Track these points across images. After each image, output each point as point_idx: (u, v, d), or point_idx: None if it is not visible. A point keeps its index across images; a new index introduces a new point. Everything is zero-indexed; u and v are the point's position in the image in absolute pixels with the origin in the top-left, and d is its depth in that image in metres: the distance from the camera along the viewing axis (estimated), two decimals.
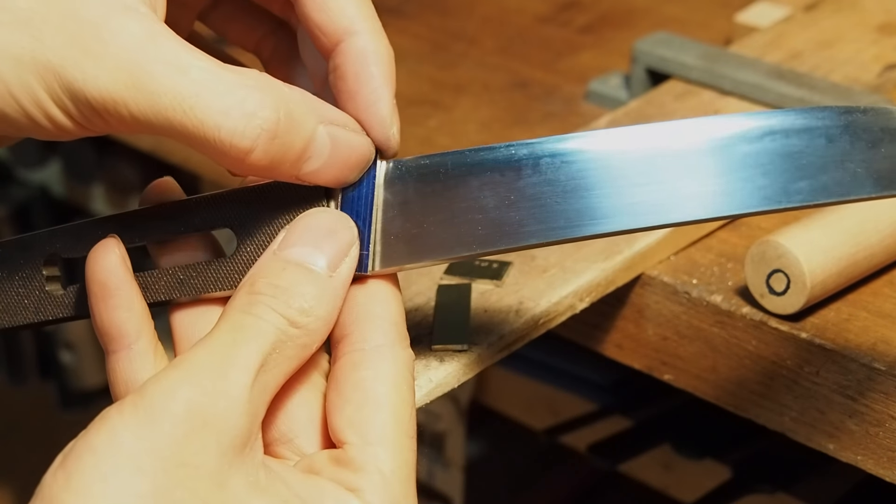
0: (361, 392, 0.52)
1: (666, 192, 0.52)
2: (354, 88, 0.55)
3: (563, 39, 0.94)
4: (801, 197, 0.52)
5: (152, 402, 0.48)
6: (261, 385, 0.50)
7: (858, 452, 0.65)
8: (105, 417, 0.48)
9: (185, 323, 0.56)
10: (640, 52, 0.82)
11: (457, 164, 0.54)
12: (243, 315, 0.51)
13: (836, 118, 0.53)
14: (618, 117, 0.78)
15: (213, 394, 0.49)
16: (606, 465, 0.94)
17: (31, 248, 0.56)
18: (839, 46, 0.82)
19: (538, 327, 0.64)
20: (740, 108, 0.77)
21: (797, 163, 0.52)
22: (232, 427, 0.49)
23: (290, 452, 0.53)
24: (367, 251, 0.54)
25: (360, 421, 0.52)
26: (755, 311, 0.67)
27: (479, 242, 0.53)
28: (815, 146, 0.52)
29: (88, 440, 0.48)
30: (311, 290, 0.52)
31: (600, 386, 0.96)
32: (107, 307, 0.54)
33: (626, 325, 0.71)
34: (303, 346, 0.52)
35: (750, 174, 0.52)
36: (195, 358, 0.50)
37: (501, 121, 0.85)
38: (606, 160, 0.53)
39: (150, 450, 0.47)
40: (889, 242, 0.67)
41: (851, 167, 0.52)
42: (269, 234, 0.54)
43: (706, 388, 0.70)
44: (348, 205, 0.54)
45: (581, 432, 0.95)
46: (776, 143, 0.52)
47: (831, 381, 0.65)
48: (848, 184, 0.52)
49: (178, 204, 0.55)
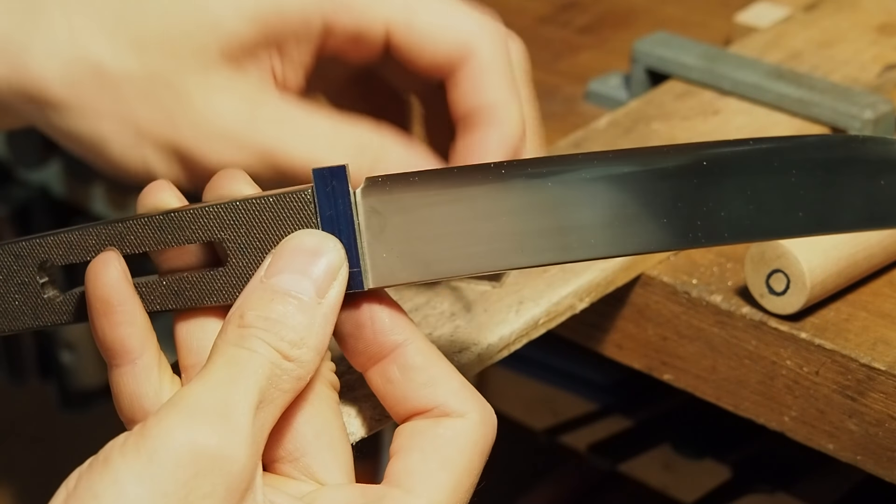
0: (433, 447, 0.52)
1: (647, 218, 0.52)
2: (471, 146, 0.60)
3: (563, 39, 0.94)
4: (799, 228, 0.52)
5: (155, 445, 0.48)
6: (260, 422, 0.50)
7: (858, 452, 0.65)
8: (108, 461, 0.48)
9: (187, 333, 0.55)
10: (639, 52, 0.82)
11: (444, 181, 0.53)
12: (237, 349, 0.50)
13: (833, 148, 0.52)
14: (618, 117, 0.78)
15: (217, 435, 0.48)
16: (606, 465, 0.94)
17: (22, 256, 0.55)
18: (839, 46, 0.82)
19: (538, 327, 0.64)
20: (740, 108, 0.77)
21: (794, 193, 0.51)
22: (238, 469, 0.48)
23: (297, 472, 0.53)
24: (358, 268, 0.53)
25: (418, 472, 0.51)
26: (755, 311, 0.67)
27: (472, 262, 0.53)
28: (813, 177, 0.52)
29: (92, 485, 0.47)
30: (300, 321, 0.51)
31: (600, 386, 0.96)
32: (109, 323, 0.53)
33: (626, 325, 0.71)
34: (297, 379, 0.51)
35: (741, 203, 0.51)
36: (195, 396, 0.49)
37: None
38: (608, 184, 0.52)
39: (155, 494, 0.47)
40: (889, 242, 0.67)
41: (849, 199, 0.51)
42: (258, 250, 0.54)
43: (706, 388, 0.70)
44: (328, 224, 0.53)
45: (581, 432, 0.95)
46: (773, 172, 0.52)
47: (831, 381, 0.65)
48: (844, 216, 0.51)
49: (169, 214, 0.54)
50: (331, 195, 0.53)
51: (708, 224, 0.52)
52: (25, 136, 1.17)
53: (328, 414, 0.53)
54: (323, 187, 0.53)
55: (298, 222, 0.53)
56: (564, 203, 0.52)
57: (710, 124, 0.76)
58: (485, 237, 0.53)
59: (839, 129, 0.75)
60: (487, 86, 0.60)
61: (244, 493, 0.49)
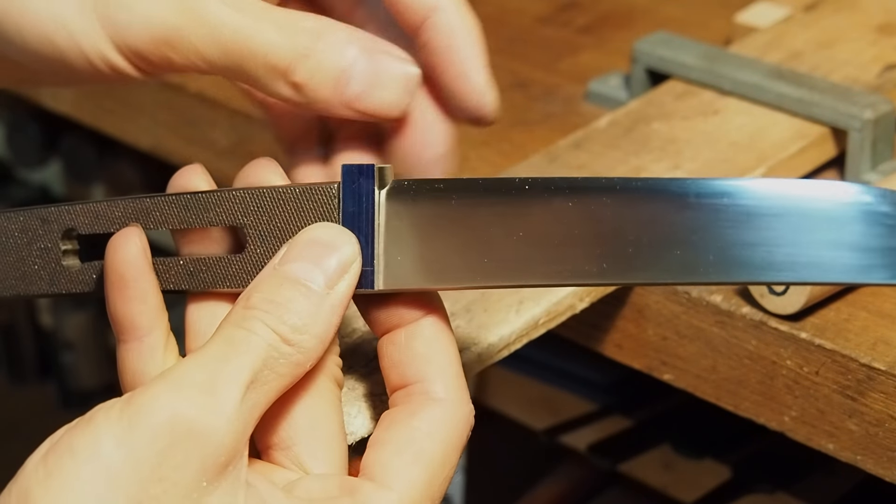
0: (408, 440, 0.52)
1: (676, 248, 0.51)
2: (446, 60, 0.56)
3: (563, 40, 0.94)
4: (807, 275, 0.51)
5: (138, 410, 0.48)
6: (250, 402, 0.50)
7: (858, 452, 0.65)
8: (92, 419, 0.48)
9: (197, 316, 0.55)
10: (640, 52, 0.82)
11: (468, 191, 0.53)
12: (236, 329, 0.51)
13: (854, 200, 0.51)
14: (618, 117, 0.78)
15: (199, 407, 0.48)
16: (606, 465, 0.94)
17: (49, 221, 0.56)
18: (839, 46, 0.82)
19: (538, 327, 0.64)
20: (740, 108, 0.77)
21: (807, 237, 0.51)
22: (216, 444, 0.48)
23: (288, 461, 0.53)
24: (370, 267, 0.53)
25: (392, 465, 0.52)
26: (755, 311, 0.67)
27: (486, 276, 0.53)
28: (830, 225, 0.51)
29: (72, 440, 0.48)
30: (306, 308, 0.51)
31: (600, 386, 0.96)
32: (122, 298, 0.53)
33: (626, 325, 0.71)
34: (295, 364, 0.51)
35: (755, 243, 0.51)
36: (185, 370, 0.50)
37: (501, 121, 0.85)
38: (630, 209, 0.52)
39: (130, 459, 0.47)
40: None
41: (868, 252, 0.51)
42: (277, 239, 0.54)
43: (706, 388, 0.70)
44: (349, 220, 0.53)
45: (581, 432, 0.95)
46: (792, 216, 0.51)
47: (831, 381, 0.65)
48: (861, 268, 0.51)
49: (196, 196, 0.55)
50: (356, 192, 0.53)
51: (720, 260, 0.51)
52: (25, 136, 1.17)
53: (326, 407, 0.54)
54: (350, 183, 0.54)
55: (320, 215, 0.54)
56: (581, 225, 0.52)
57: (710, 124, 0.76)
58: (502, 252, 0.53)
59: (839, 128, 0.75)
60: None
61: (222, 469, 0.49)
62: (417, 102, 0.58)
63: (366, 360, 0.59)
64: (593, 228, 0.52)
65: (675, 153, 0.74)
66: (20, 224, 0.56)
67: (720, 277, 0.51)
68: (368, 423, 0.57)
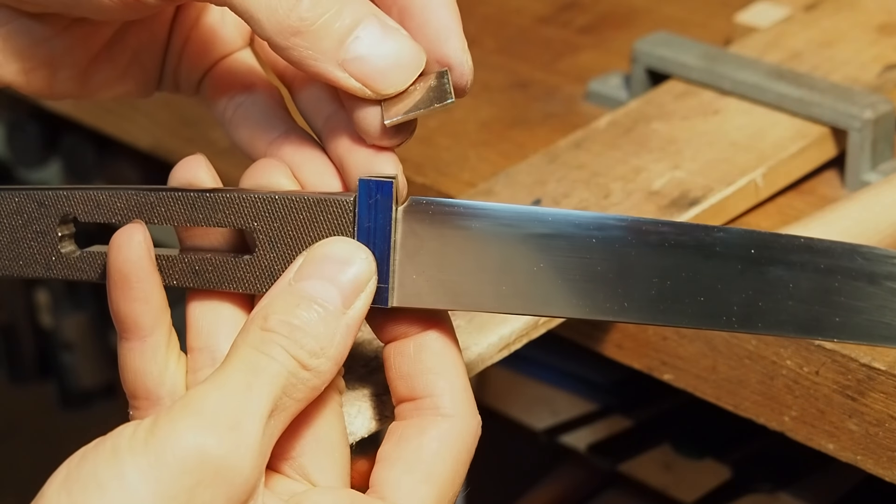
0: (417, 459, 0.52)
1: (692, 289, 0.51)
2: (422, 22, 0.54)
3: (563, 39, 0.94)
4: (831, 333, 0.51)
5: (164, 443, 0.48)
6: (270, 431, 0.50)
7: (858, 452, 0.65)
8: (116, 452, 0.48)
9: (200, 314, 0.55)
10: (640, 52, 0.82)
11: (489, 219, 0.52)
12: (257, 354, 0.50)
13: (875, 263, 0.51)
14: (618, 117, 0.78)
15: (226, 444, 0.48)
16: (606, 465, 0.94)
17: (46, 205, 0.55)
18: (839, 46, 0.82)
19: (538, 327, 0.64)
20: (740, 108, 0.77)
21: (832, 298, 0.51)
22: (243, 480, 0.48)
23: (293, 471, 0.53)
24: (386, 284, 0.53)
25: (402, 484, 0.52)
26: None
27: (501, 302, 0.52)
28: (852, 287, 0.51)
29: (97, 472, 0.47)
30: (324, 331, 0.51)
31: (600, 386, 0.96)
32: (125, 298, 0.53)
33: (626, 325, 0.71)
34: (312, 389, 0.51)
35: (781, 297, 0.51)
36: (209, 400, 0.49)
37: (501, 121, 0.85)
38: (652, 250, 0.51)
39: (157, 496, 0.47)
40: (889, 243, 0.67)
41: (889, 315, 0.51)
42: (288, 247, 0.53)
43: (706, 388, 0.70)
44: (364, 235, 0.53)
45: (581, 432, 0.95)
46: (815, 272, 0.51)
47: (831, 381, 0.65)
48: (883, 330, 0.51)
49: (203, 193, 0.54)
50: (373, 207, 0.53)
51: (744, 311, 0.51)
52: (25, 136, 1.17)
53: (331, 417, 0.53)
54: (366, 198, 0.53)
55: (335, 228, 0.53)
56: (603, 262, 0.52)
57: (710, 124, 0.76)
58: (521, 283, 0.52)
59: (839, 128, 0.75)
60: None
61: (245, 502, 0.49)
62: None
63: (365, 360, 0.59)
64: (616, 267, 0.52)
65: (674, 153, 0.74)
66: (15, 205, 0.55)
67: (743, 328, 0.51)
68: (368, 423, 0.57)
